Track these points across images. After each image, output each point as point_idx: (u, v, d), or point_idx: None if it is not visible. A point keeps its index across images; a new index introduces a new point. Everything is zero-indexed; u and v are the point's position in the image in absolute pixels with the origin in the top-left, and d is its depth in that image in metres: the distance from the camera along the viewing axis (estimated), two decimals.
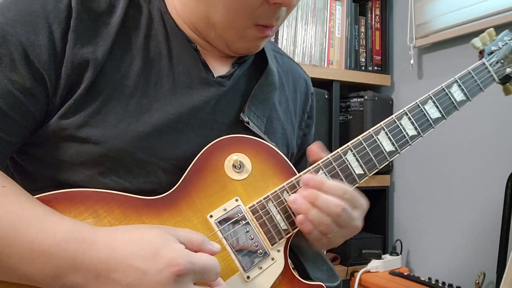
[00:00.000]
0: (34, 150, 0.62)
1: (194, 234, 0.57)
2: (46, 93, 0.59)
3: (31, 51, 0.58)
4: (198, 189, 0.64)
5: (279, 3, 0.62)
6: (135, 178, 0.63)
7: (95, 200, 0.59)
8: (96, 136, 0.60)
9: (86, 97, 0.61)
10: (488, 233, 1.47)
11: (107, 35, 0.63)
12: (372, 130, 0.72)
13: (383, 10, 1.89)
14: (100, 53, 0.61)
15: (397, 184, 1.85)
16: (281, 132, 0.78)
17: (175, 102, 0.65)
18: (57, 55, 0.59)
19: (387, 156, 0.72)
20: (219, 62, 0.73)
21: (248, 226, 0.65)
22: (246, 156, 0.68)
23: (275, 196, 0.67)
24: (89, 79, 0.60)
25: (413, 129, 0.74)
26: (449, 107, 0.78)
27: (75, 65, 0.60)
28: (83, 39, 0.61)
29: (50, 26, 0.59)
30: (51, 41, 0.59)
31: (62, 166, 0.61)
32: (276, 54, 0.85)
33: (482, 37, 0.87)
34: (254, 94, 0.74)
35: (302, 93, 0.86)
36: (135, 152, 0.62)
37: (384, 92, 1.91)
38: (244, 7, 0.62)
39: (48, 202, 0.57)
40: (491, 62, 0.84)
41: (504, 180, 1.34)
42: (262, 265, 0.65)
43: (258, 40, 0.69)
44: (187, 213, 0.63)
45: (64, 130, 0.60)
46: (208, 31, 0.67)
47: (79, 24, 0.61)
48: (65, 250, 0.51)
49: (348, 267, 1.67)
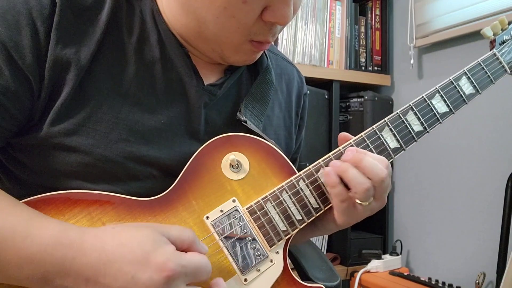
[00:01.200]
0: (23, 157, 0.60)
1: (185, 232, 0.55)
2: (31, 95, 0.57)
3: (14, 52, 0.55)
4: (194, 189, 0.63)
5: (275, 22, 0.60)
6: (126, 184, 0.61)
7: (89, 201, 0.58)
8: (85, 146, 0.58)
9: (75, 102, 0.58)
10: (488, 233, 1.47)
11: (92, 34, 0.59)
12: (376, 126, 0.69)
13: (383, 10, 1.88)
14: (83, 53, 0.58)
15: (397, 184, 1.85)
16: (274, 138, 0.76)
17: (166, 110, 0.64)
18: (41, 55, 0.56)
19: (392, 153, 0.69)
20: (210, 69, 0.70)
21: (245, 227, 0.64)
22: (243, 155, 0.66)
23: (273, 196, 0.65)
24: (72, 82, 0.57)
25: (419, 124, 0.71)
26: (458, 100, 0.74)
27: (57, 65, 0.57)
28: (65, 37, 0.57)
29: (33, 23, 0.55)
30: (35, 40, 0.55)
31: (50, 173, 0.59)
32: (271, 54, 0.82)
33: (494, 26, 0.81)
34: (250, 93, 0.72)
35: (296, 96, 0.84)
36: (125, 162, 0.60)
37: (384, 92, 1.91)
38: (237, 26, 0.59)
39: (43, 204, 0.56)
40: (503, 53, 0.79)
41: (504, 180, 1.34)
42: (260, 267, 0.63)
43: (255, 53, 0.66)
44: (183, 214, 0.62)
45: (53, 138, 0.57)
46: (201, 44, 0.65)
47: (62, 20, 0.57)
48: (53, 255, 0.50)
49: (348, 267, 1.67)
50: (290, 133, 0.82)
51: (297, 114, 0.84)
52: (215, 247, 0.62)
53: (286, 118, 0.81)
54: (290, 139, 0.81)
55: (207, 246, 0.60)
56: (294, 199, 0.66)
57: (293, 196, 0.66)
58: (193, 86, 0.66)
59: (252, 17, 0.59)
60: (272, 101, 0.78)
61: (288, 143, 0.80)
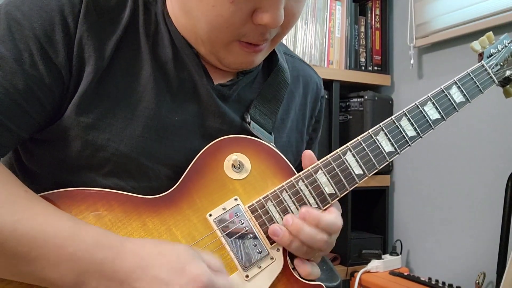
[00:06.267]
0: (39, 149, 0.62)
1: (213, 259, 0.58)
2: (62, 88, 0.59)
3: (48, 47, 0.57)
4: (198, 188, 0.65)
5: (263, 24, 0.59)
6: (136, 181, 0.63)
7: (96, 198, 0.60)
8: (101, 140, 0.60)
9: (93, 97, 0.60)
10: (488, 233, 1.47)
11: (113, 34, 0.62)
12: (371, 131, 0.72)
13: (383, 10, 1.89)
14: (104, 51, 0.61)
15: (397, 184, 1.85)
16: (286, 141, 0.78)
17: (179, 108, 0.66)
18: (70, 51, 0.59)
19: (387, 156, 0.72)
20: (221, 72, 0.71)
21: (247, 225, 0.65)
22: (245, 156, 0.68)
23: (274, 195, 0.67)
24: (91, 76, 0.60)
25: (412, 130, 0.74)
26: (449, 108, 0.78)
27: (81, 60, 0.60)
28: (88, 35, 0.60)
29: (65, 20, 0.59)
30: (67, 36, 0.59)
31: (64, 166, 0.61)
32: (287, 57, 0.83)
33: (481, 40, 0.87)
34: (261, 94, 0.74)
35: (312, 98, 0.85)
36: (139, 157, 0.62)
37: (384, 92, 1.91)
38: (227, 25, 0.60)
39: (50, 201, 0.57)
40: (490, 65, 0.84)
41: (504, 180, 1.34)
42: (261, 264, 0.65)
43: (249, 55, 0.66)
44: (187, 212, 0.64)
45: (71, 130, 0.60)
46: (199, 46, 0.66)
47: (87, 19, 0.60)
48: (94, 255, 0.51)
49: (348, 267, 1.67)
50: (302, 135, 0.83)
51: (312, 117, 0.86)
52: (217, 243, 0.63)
53: (299, 121, 0.82)
54: (301, 142, 0.83)
55: (210, 242, 0.63)
56: (294, 198, 0.68)
57: (293, 195, 0.68)
58: (204, 85, 0.67)
59: (239, 17, 0.59)
60: (288, 104, 0.79)
61: (299, 146, 0.81)
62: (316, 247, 0.65)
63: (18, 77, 0.56)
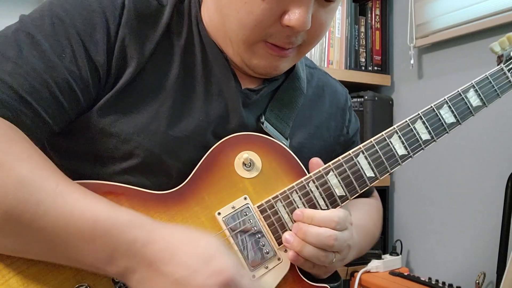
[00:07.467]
0: (64, 141, 0.64)
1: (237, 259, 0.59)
2: (98, 86, 0.62)
3: (89, 46, 0.60)
4: (207, 185, 0.64)
5: (290, 25, 0.61)
6: (156, 177, 0.63)
7: (105, 192, 0.59)
8: (126, 133, 0.62)
9: (123, 93, 0.62)
10: (488, 233, 1.47)
11: (152, 37, 0.65)
12: (385, 133, 0.71)
13: (383, 10, 1.89)
14: (143, 53, 0.64)
15: (397, 184, 1.86)
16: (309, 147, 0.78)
17: (205, 109, 0.67)
18: (110, 51, 0.61)
19: (399, 159, 0.71)
20: (249, 78, 0.73)
21: (255, 225, 0.65)
22: (256, 154, 0.67)
23: (284, 196, 0.66)
24: (129, 76, 0.62)
25: (426, 133, 0.73)
26: (465, 112, 0.76)
27: (122, 61, 0.62)
28: (129, 38, 0.63)
29: (106, 21, 0.61)
30: (107, 37, 0.61)
31: (87, 158, 0.63)
32: (312, 70, 0.85)
33: (501, 41, 0.83)
34: (277, 97, 0.75)
35: (340, 108, 0.86)
36: (161, 154, 0.63)
37: (384, 92, 1.91)
38: (256, 23, 0.62)
39: None
40: (510, 68, 0.81)
41: (504, 180, 1.34)
42: (268, 264, 0.65)
43: (273, 58, 0.67)
44: (195, 209, 0.63)
45: (98, 123, 0.61)
46: (227, 47, 0.68)
47: (128, 23, 0.63)
48: (127, 233, 0.52)
49: (348, 267, 1.66)
50: (327, 144, 0.82)
51: (343, 127, 0.86)
52: (225, 242, 0.63)
53: (324, 129, 0.82)
54: (326, 151, 0.81)
55: None
56: (303, 199, 0.67)
57: (302, 196, 0.67)
58: (231, 88, 0.69)
59: (269, 16, 0.61)
60: (310, 111, 0.80)
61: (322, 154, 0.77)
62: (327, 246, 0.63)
63: (58, 71, 0.57)
